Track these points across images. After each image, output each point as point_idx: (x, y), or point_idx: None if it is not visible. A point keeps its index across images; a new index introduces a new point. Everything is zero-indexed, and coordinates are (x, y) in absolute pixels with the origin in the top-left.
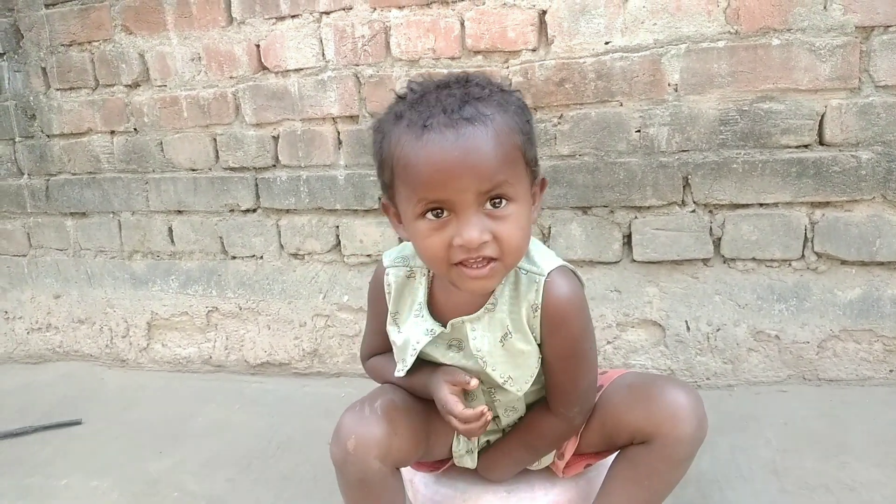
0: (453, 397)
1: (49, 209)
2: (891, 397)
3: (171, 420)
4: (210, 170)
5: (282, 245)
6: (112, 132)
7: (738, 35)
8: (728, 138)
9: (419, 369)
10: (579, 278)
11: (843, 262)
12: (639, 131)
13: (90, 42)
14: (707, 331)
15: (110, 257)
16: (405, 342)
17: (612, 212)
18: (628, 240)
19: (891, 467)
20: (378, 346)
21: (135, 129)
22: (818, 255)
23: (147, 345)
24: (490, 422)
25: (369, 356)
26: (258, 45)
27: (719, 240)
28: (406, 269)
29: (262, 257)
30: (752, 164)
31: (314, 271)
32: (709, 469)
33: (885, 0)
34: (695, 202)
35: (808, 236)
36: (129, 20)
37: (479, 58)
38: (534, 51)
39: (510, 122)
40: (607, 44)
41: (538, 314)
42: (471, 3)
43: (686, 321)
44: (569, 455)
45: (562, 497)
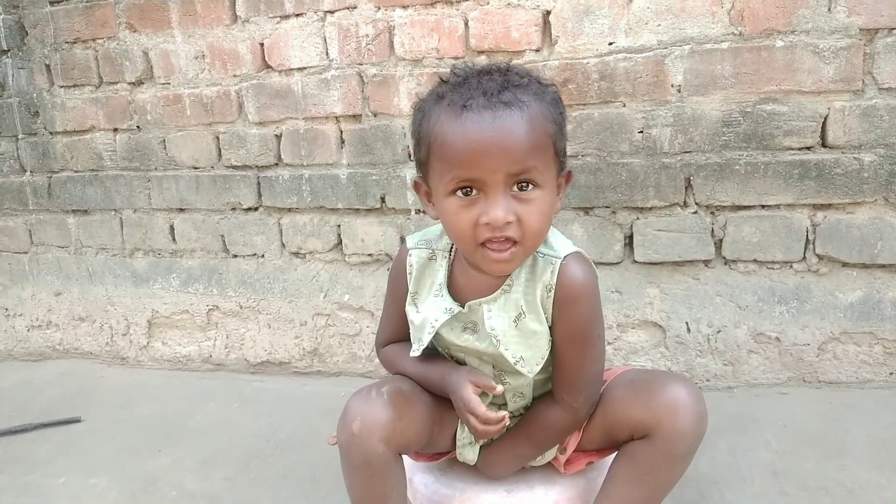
0: (476, 397)
1: (51, 206)
2: (891, 400)
3: (171, 418)
4: (212, 168)
5: (283, 244)
6: (115, 130)
7: (741, 36)
8: (731, 140)
9: (437, 360)
10: (593, 268)
11: (845, 265)
12: (641, 132)
13: (94, 39)
14: (707, 332)
15: (111, 255)
16: (423, 321)
17: (613, 212)
18: (630, 241)
19: (890, 470)
20: (394, 333)
21: (138, 126)
22: (819, 257)
23: (147, 343)
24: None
25: (385, 343)
26: (262, 44)
27: (721, 241)
28: (428, 251)
29: (263, 256)
30: (755, 166)
31: (315, 270)
32: (708, 470)
33: (890, 2)
34: (697, 203)
35: (810, 238)
36: (133, 18)
37: (483, 58)
38: (537, 51)
39: (545, 111)
40: (611, 44)
41: (552, 294)
42: (475, 3)
43: (686, 322)
44: (571, 449)
45: (561, 497)
